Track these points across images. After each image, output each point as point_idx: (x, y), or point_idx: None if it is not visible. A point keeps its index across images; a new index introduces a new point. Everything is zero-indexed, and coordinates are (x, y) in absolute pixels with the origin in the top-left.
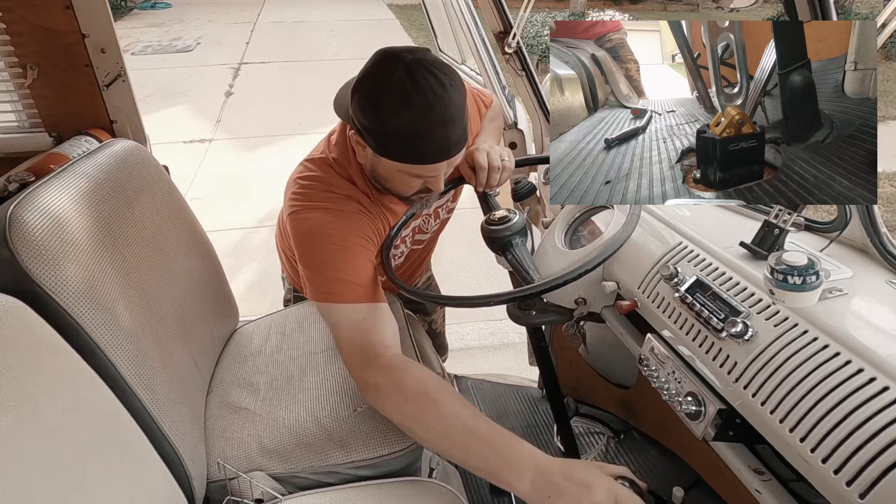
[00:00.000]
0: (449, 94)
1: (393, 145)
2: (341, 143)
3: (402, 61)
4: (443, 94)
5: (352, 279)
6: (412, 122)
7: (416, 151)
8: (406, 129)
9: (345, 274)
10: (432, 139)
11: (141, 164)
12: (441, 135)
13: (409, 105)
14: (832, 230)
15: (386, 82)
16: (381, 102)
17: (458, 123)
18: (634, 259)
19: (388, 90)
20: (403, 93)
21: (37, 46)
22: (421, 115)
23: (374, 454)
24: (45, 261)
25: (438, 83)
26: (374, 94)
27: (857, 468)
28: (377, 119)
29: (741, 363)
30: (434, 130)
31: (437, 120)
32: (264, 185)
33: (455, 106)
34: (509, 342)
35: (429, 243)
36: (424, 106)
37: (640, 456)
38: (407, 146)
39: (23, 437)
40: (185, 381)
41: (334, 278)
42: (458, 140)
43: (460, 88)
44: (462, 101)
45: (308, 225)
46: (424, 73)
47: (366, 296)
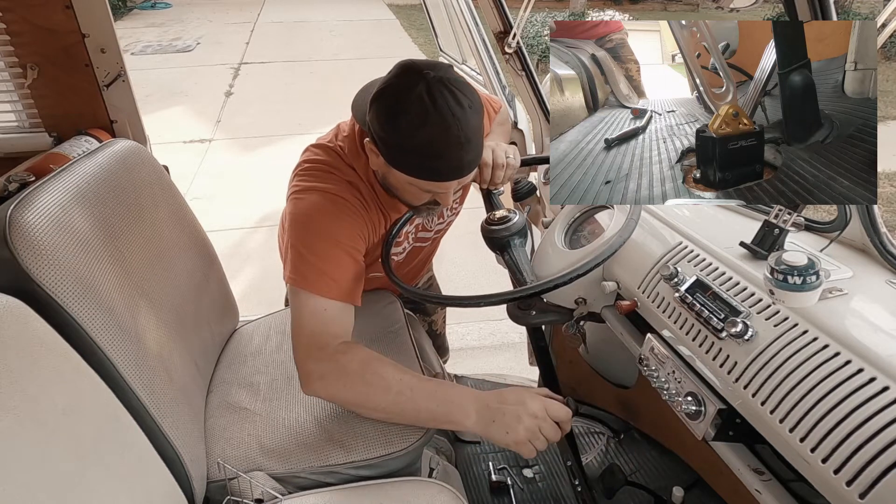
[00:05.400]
0: (467, 115)
1: (406, 160)
2: (351, 138)
3: (424, 78)
4: (461, 115)
5: (330, 274)
6: (428, 140)
7: (429, 169)
8: (421, 147)
9: (325, 266)
10: (447, 159)
11: (141, 164)
12: (455, 155)
13: (426, 123)
14: (832, 230)
15: (406, 97)
16: (399, 117)
17: (473, 145)
18: (634, 259)
19: (407, 106)
20: (422, 110)
21: (37, 46)
22: (437, 134)
23: (374, 454)
24: (45, 261)
25: (458, 104)
26: (393, 107)
27: (857, 468)
28: (394, 133)
29: (741, 363)
30: (449, 150)
31: (453, 141)
32: (264, 185)
33: (472, 128)
34: (509, 342)
35: (433, 242)
36: (442, 126)
37: (640, 456)
38: (420, 163)
39: (23, 437)
40: (185, 381)
41: (315, 267)
42: (472, 161)
43: (479, 110)
44: (479, 123)
45: (305, 206)
46: (445, 92)
47: (338, 293)
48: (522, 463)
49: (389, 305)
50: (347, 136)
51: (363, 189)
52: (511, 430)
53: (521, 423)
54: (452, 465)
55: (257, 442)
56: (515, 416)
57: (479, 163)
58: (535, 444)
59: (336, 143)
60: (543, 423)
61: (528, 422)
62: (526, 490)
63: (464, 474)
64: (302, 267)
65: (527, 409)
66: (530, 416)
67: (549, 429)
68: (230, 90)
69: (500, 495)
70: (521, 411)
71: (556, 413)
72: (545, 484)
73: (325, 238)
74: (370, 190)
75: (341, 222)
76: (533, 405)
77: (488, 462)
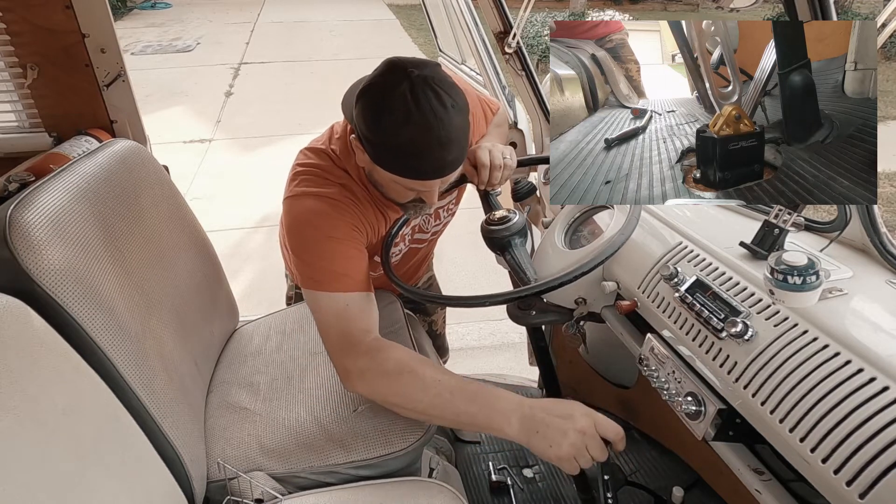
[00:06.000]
0: (450, 115)
1: (388, 158)
2: (343, 138)
3: (409, 77)
4: (443, 115)
5: (338, 269)
6: (409, 140)
7: (410, 167)
8: (403, 146)
9: (331, 263)
10: (428, 158)
11: (141, 165)
12: (437, 155)
13: (408, 123)
14: (832, 230)
15: (389, 95)
16: (382, 115)
17: (455, 145)
18: (634, 259)
19: (391, 104)
20: (404, 109)
21: (37, 46)
22: (419, 134)
23: (374, 454)
24: (45, 261)
25: (440, 104)
26: (376, 105)
27: (857, 468)
28: (376, 130)
29: (741, 363)
30: (431, 150)
31: (434, 141)
32: (264, 185)
33: (455, 128)
34: (509, 342)
35: (430, 243)
36: (423, 126)
37: (640, 456)
38: (402, 161)
39: (23, 437)
40: (185, 381)
41: (321, 267)
42: (455, 160)
43: (463, 110)
44: (463, 123)
45: (299, 212)
46: (428, 91)
47: (351, 285)
48: (522, 463)
49: (389, 305)
50: (340, 138)
51: (356, 190)
52: (555, 445)
53: (567, 438)
54: (452, 465)
55: (257, 442)
56: (561, 430)
57: (462, 162)
58: (580, 461)
59: (329, 146)
60: (591, 441)
61: (573, 437)
62: (526, 490)
63: (464, 474)
64: (310, 271)
65: (574, 424)
66: (577, 433)
67: (597, 447)
68: (230, 90)
69: (500, 495)
70: (568, 426)
71: (606, 431)
72: (545, 484)
73: (323, 237)
74: (364, 190)
75: (335, 220)
76: (582, 421)
77: (488, 462)
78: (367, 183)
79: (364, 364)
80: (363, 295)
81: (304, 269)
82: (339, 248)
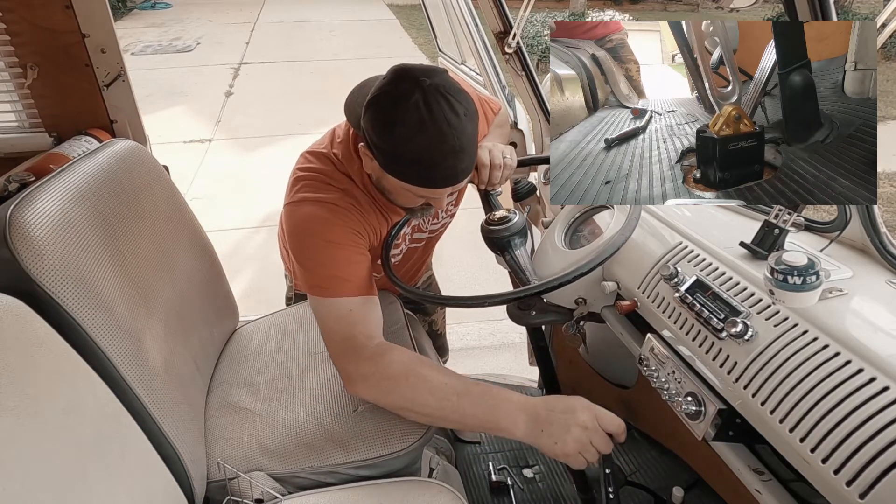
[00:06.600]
0: (463, 124)
1: (401, 167)
2: (345, 142)
3: (420, 86)
4: (457, 123)
5: (340, 274)
6: (423, 149)
7: (423, 176)
8: (416, 155)
9: (333, 269)
10: (441, 167)
11: (141, 165)
12: (450, 164)
13: (422, 132)
14: (832, 230)
15: (402, 105)
16: (395, 125)
17: (467, 153)
18: (634, 259)
19: (403, 114)
20: (418, 119)
21: (37, 46)
22: (433, 143)
23: (374, 454)
24: (45, 261)
25: (453, 112)
26: (388, 114)
27: (857, 468)
28: (389, 139)
29: (741, 363)
30: (444, 159)
31: (448, 150)
32: (264, 185)
33: (467, 136)
34: (509, 342)
35: (428, 243)
36: (438, 135)
37: (640, 456)
38: (415, 170)
39: (23, 437)
40: (185, 381)
41: (323, 274)
42: (466, 168)
43: (474, 117)
44: (474, 130)
45: (301, 218)
46: (441, 100)
47: (353, 290)
48: (522, 463)
49: (389, 305)
50: (342, 142)
51: (359, 195)
52: (559, 441)
53: (570, 433)
54: (452, 465)
55: (257, 442)
56: (564, 426)
57: (472, 169)
58: (586, 455)
59: (331, 150)
60: (594, 434)
61: (576, 432)
62: (526, 490)
63: (464, 474)
64: (312, 278)
65: (576, 418)
66: (579, 427)
67: (600, 440)
68: (230, 90)
69: (500, 495)
70: (570, 421)
71: (608, 424)
72: (545, 484)
73: (325, 243)
74: (366, 195)
75: (337, 226)
76: (583, 415)
77: (488, 462)
78: (371, 188)
79: (368, 369)
80: (366, 299)
81: (306, 275)
82: (342, 253)
